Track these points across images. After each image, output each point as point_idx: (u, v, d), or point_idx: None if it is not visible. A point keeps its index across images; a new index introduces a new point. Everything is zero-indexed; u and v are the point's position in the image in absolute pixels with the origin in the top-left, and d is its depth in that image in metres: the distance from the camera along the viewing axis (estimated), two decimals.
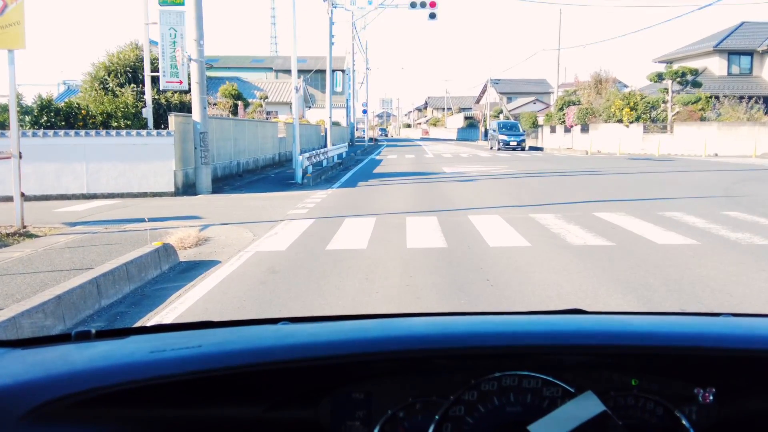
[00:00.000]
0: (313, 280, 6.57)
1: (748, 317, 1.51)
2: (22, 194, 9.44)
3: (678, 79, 36.25)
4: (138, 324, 5.31)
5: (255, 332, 1.41)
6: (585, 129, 40.75)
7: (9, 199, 9.97)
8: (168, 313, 5.56)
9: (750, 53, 42.41)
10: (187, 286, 6.48)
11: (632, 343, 1.28)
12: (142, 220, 9.80)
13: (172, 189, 14.91)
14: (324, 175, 20.59)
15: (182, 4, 15.55)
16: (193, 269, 7.27)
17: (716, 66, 42.50)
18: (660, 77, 37.14)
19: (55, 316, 4.97)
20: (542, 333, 1.33)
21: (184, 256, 7.93)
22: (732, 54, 42.66)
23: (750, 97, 37.52)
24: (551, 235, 9.05)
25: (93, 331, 1.31)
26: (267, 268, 7.15)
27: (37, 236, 8.94)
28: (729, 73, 42.43)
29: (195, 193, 15.41)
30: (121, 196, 14.59)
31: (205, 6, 16.25)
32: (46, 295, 5.09)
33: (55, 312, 4.98)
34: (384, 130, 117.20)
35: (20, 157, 9.34)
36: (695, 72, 37.28)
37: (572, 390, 1.20)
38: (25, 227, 9.32)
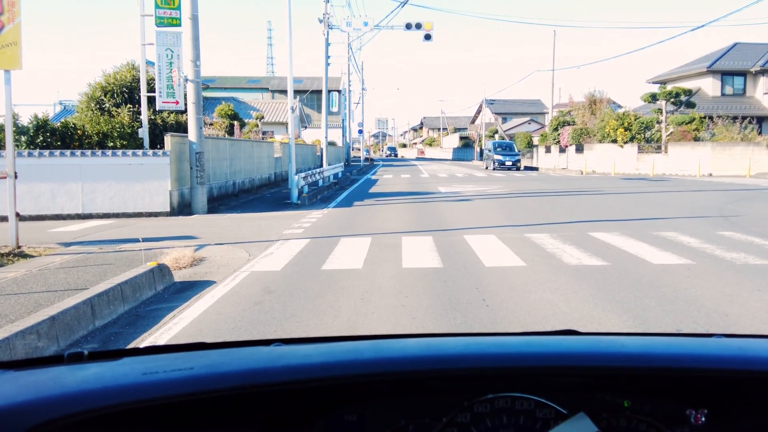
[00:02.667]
0: (309, 300, 6.55)
1: (742, 338, 1.51)
2: (17, 214, 9.41)
3: (672, 100, 36.51)
4: (132, 345, 5.28)
5: (248, 354, 1.41)
6: (580, 149, 40.93)
7: (4, 219, 9.95)
8: (162, 334, 5.54)
9: (743, 74, 42.80)
10: (182, 306, 6.46)
11: (625, 365, 1.28)
12: (137, 240, 9.79)
13: (168, 209, 14.90)
14: (320, 195, 20.60)
15: (179, 25, 15.64)
16: (188, 289, 7.25)
17: (710, 86, 42.86)
18: (654, 98, 37.41)
19: (49, 337, 4.95)
20: (536, 354, 1.33)
21: (179, 276, 7.91)
22: (725, 75, 43.05)
23: (744, 118, 37.80)
24: (546, 255, 9.06)
25: (86, 352, 1.30)
26: (262, 288, 7.13)
27: (31, 256, 8.91)
28: (722, 94, 42.79)
29: (190, 213, 15.40)
30: (117, 216, 14.57)
31: (202, 27, 16.35)
32: (39, 316, 5.06)
33: (49, 333, 4.96)
34: (393, 149, 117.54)
35: (16, 176, 9.33)
36: (689, 92, 37.56)
37: (565, 412, 1.20)
38: (19, 247, 9.29)
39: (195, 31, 15.50)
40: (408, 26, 28.80)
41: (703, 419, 1.24)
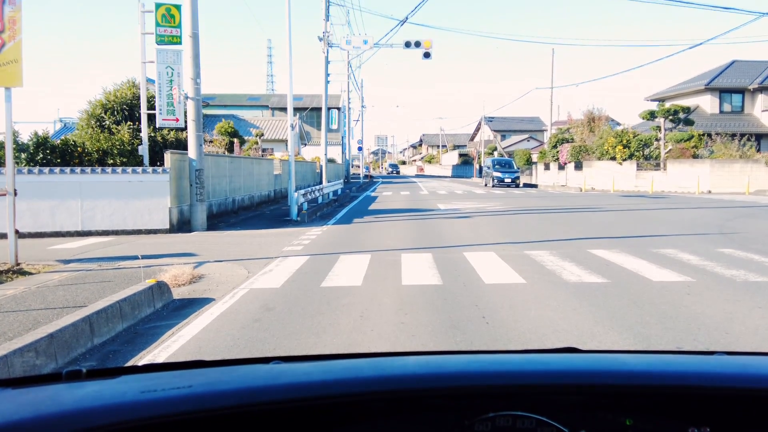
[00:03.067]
0: (308, 317, 6.53)
1: (743, 356, 1.51)
2: (17, 231, 9.41)
3: (670, 117, 36.65)
4: (130, 363, 5.26)
5: (247, 372, 1.40)
6: (579, 166, 41.04)
7: (3, 236, 9.93)
8: (160, 351, 5.51)
9: (741, 91, 43.00)
10: (181, 324, 6.44)
11: (627, 383, 1.28)
12: (136, 258, 9.78)
13: (167, 226, 14.90)
14: (319, 212, 20.61)
15: (179, 43, 15.74)
16: (187, 307, 7.23)
17: (708, 104, 43.05)
18: (652, 115, 37.56)
19: (47, 354, 4.92)
20: (537, 372, 1.32)
21: (177, 293, 7.89)
22: (723, 92, 43.25)
23: (742, 135, 37.95)
24: (546, 272, 9.05)
25: (84, 370, 1.30)
26: (261, 306, 7.11)
27: (30, 273, 8.89)
28: (721, 111, 42.97)
29: (190, 230, 15.39)
30: (116, 233, 14.56)
31: (203, 45, 16.43)
32: (38, 334, 5.04)
33: (47, 350, 4.93)
34: (395, 166, 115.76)
35: (15, 194, 9.33)
36: (687, 110, 37.72)
37: (566, 430, 1.20)
38: (18, 264, 9.27)
39: (195, 49, 15.59)
40: (407, 44, 28.94)
41: None
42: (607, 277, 8.67)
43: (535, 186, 46.73)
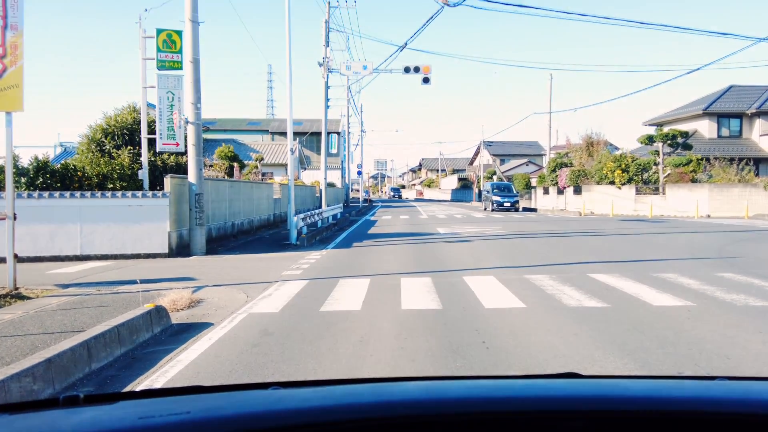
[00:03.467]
0: (307, 342, 6.50)
1: (744, 381, 1.50)
2: (16, 256, 9.40)
3: (668, 142, 36.81)
4: (128, 388, 5.22)
5: (245, 398, 1.39)
6: (578, 190, 41.12)
7: (2, 260, 9.93)
8: (158, 377, 5.48)
9: (739, 116, 43.24)
10: (179, 348, 6.40)
11: (628, 408, 1.27)
12: (134, 282, 9.76)
13: (166, 250, 14.88)
14: (319, 236, 20.60)
15: (180, 68, 15.86)
16: (185, 332, 7.19)
17: (706, 128, 43.26)
18: (651, 140, 37.72)
19: (45, 379, 4.89)
20: (538, 398, 1.31)
21: (176, 318, 7.86)
22: (721, 117, 43.49)
23: (740, 159, 38.09)
24: (546, 297, 9.02)
25: (81, 395, 1.29)
26: (260, 331, 7.08)
27: (29, 298, 8.86)
28: (719, 136, 43.17)
29: (189, 254, 15.37)
30: (115, 257, 14.54)
31: (203, 70, 16.55)
32: (35, 358, 5.01)
33: (45, 375, 4.90)
34: (397, 190, 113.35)
35: (15, 218, 9.33)
36: (685, 134, 37.89)
37: None
38: (17, 289, 9.25)
39: (196, 74, 15.70)
40: (407, 70, 29.16)
41: None
42: (608, 301, 8.64)
43: (534, 210, 46.78)
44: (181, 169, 17.91)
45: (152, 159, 17.58)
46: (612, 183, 37.76)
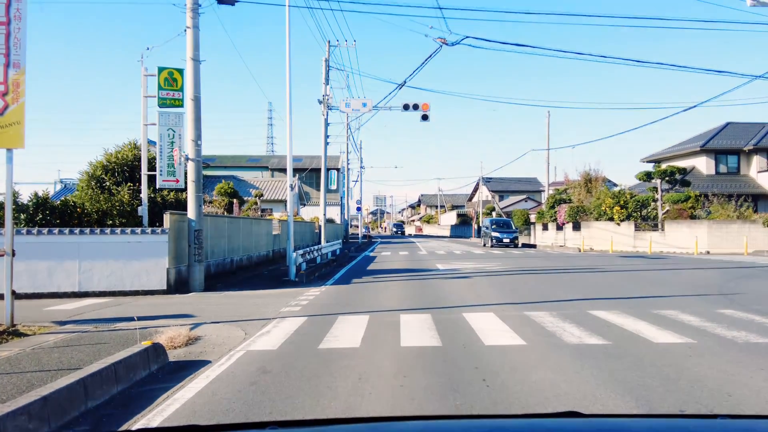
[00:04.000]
0: (305, 380, 6.44)
1: (747, 419, 1.49)
2: (14, 292, 9.36)
3: (666, 178, 36.97)
4: (124, 427, 5.17)
5: None
6: (577, 226, 41.15)
7: (0, 297, 9.88)
8: (155, 415, 5.42)
9: (737, 152, 43.57)
10: (176, 387, 6.34)
11: None
12: (132, 319, 9.71)
13: (165, 287, 14.82)
14: (318, 272, 20.55)
15: (181, 106, 16.00)
16: (183, 369, 7.13)
17: (704, 165, 43.55)
18: (649, 176, 37.88)
19: (40, 418, 4.84)
20: None
21: (173, 355, 7.80)
22: (719, 153, 43.84)
23: (739, 196, 38.26)
24: (547, 334, 8.97)
25: None
26: (258, 368, 7.02)
27: (26, 335, 8.81)
28: (717, 172, 43.44)
29: (188, 291, 15.31)
30: (113, 294, 14.48)
31: (204, 107, 16.69)
32: (31, 396, 4.97)
33: (41, 414, 4.85)
34: (400, 225, 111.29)
35: (14, 254, 9.32)
36: (683, 171, 38.09)
37: None
38: (14, 326, 9.19)
39: (197, 111, 15.83)
40: (405, 107, 29.41)
41: None
42: (608, 338, 8.59)
43: (533, 246, 46.75)
44: (180, 206, 17.94)
45: (152, 195, 17.62)
46: (611, 219, 37.81)
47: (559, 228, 44.43)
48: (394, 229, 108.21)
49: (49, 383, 5.52)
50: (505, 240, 43.68)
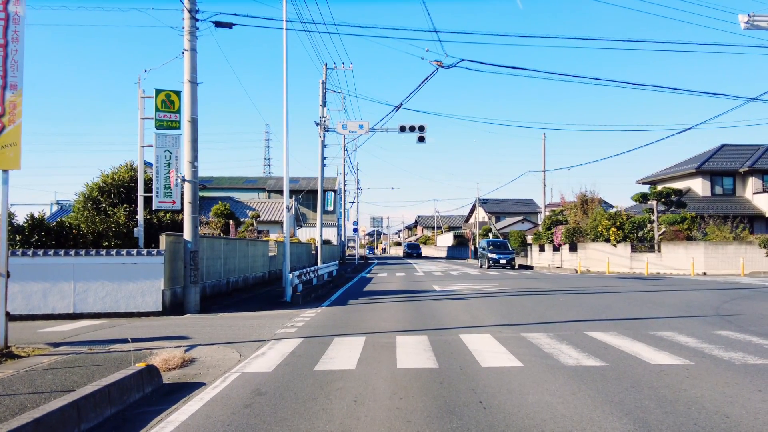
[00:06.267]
0: (300, 402, 6.40)
1: None
2: (8, 314, 9.31)
3: (662, 200, 37.08)
4: None
5: None
6: (573, 248, 41.16)
7: None
8: None
9: (732, 174, 43.80)
10: (170, 409, 6.29)
11: None
12: (126, 341, 9.66)
13: (160, 308, 14.76)
14: (314, 294, 20.48)
15: (179, 128, 16.05)
16: (177, 391, 7.08)
17: (699, 187, 43.75)
18: (644, 198, 37.99)
19: None
20: None
21: (168, 377, 7.75)
22: (714, 175, 44.07)
23: (734, 217, 38.40)
24: (544, 355, 8.94)
25: None
26: (252, 390, 6.98)
27: (20, 357, 8.75)
28: (712, 194, 43.63)
29: (183, 312, 15.24)
30: (108, 315, 14.41)
31: (200, 129, 16.74)
32: (23, 419, 4.92)
33: None
34: (417, 246, 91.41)
35: (8, 276, 9.28)
36: (679, 192, 38.22)
37: None
38: (8, 347, 9.13)
39: (194, 133, 15.86)
40: (402, 129, 29.53)
41: None
42: (605, 360, 8.56)
43: (530, 267, 46.73)
44: (177, 227, 17.91)
45: (148, 217, 17.60)
46: (607, 240, 37.84)
47: (556, 249, 44.44)
48: (408, 251, 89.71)
49: (42, 405, 5.47)
50: (502, 261, 43.69)
